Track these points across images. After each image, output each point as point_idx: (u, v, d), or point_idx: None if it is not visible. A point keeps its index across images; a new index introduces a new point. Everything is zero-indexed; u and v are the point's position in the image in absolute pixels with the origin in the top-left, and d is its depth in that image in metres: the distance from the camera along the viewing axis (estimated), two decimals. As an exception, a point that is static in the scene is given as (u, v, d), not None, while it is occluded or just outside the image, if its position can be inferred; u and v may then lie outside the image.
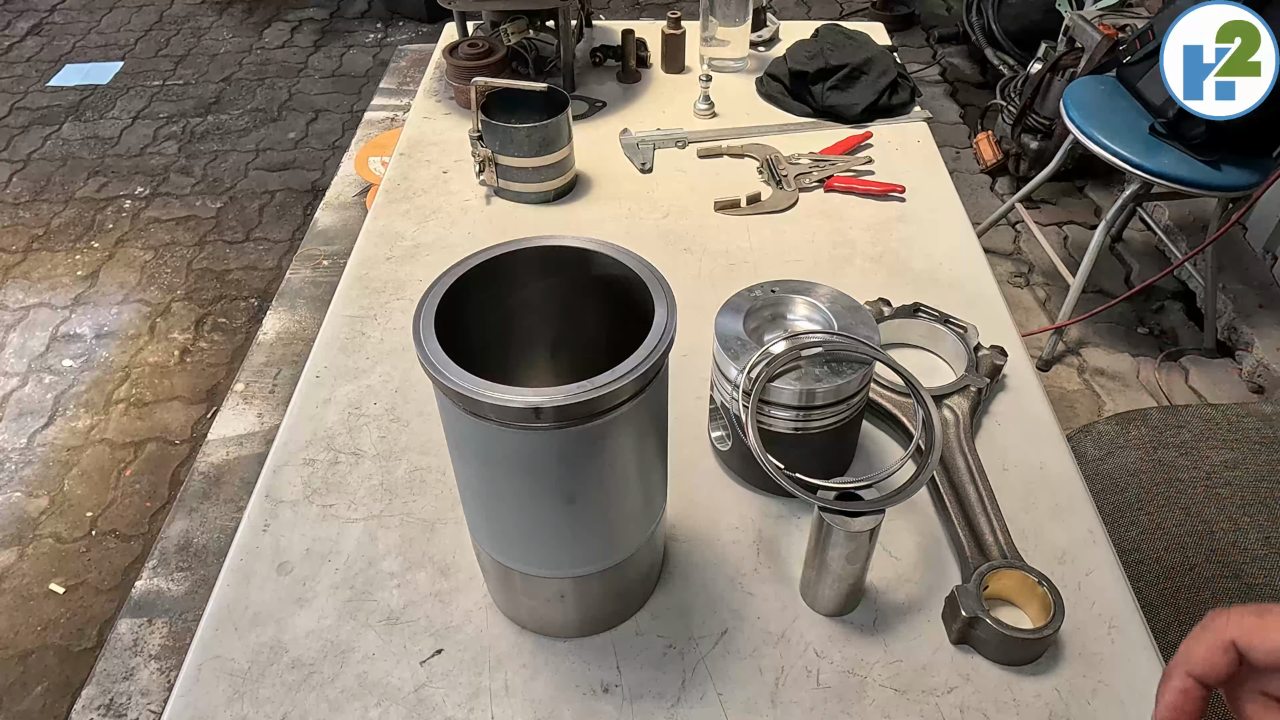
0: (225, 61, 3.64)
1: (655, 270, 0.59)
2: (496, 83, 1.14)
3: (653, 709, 0.66)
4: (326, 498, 0.82)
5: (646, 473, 0.63)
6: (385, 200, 1.21)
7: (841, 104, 1.34)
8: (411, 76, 3.33)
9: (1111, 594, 0.73)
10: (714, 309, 0.77)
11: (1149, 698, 0.66)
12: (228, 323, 2.42)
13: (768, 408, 0.73)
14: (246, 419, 2.09)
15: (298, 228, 2.74)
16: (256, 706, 0.66)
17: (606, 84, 1.45)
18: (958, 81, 3.34)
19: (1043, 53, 2.52)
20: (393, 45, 3.69)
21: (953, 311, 0.94)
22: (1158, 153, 1.85)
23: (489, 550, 0.66)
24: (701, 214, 1.17)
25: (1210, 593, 1.02)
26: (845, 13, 3.83)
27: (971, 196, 2.77)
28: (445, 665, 0.69)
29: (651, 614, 0.72)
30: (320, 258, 2.54)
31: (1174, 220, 2.49)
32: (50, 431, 2.11)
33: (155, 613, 1.72)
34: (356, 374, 0.94)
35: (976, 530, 0.75)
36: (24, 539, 1.87)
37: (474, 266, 0.60)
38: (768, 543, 0.77)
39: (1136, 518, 1.12)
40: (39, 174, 2.98)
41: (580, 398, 0.50)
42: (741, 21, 1.42)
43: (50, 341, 2.35)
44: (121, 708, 1.58)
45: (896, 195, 1.19)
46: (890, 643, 0.70)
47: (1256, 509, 1.09)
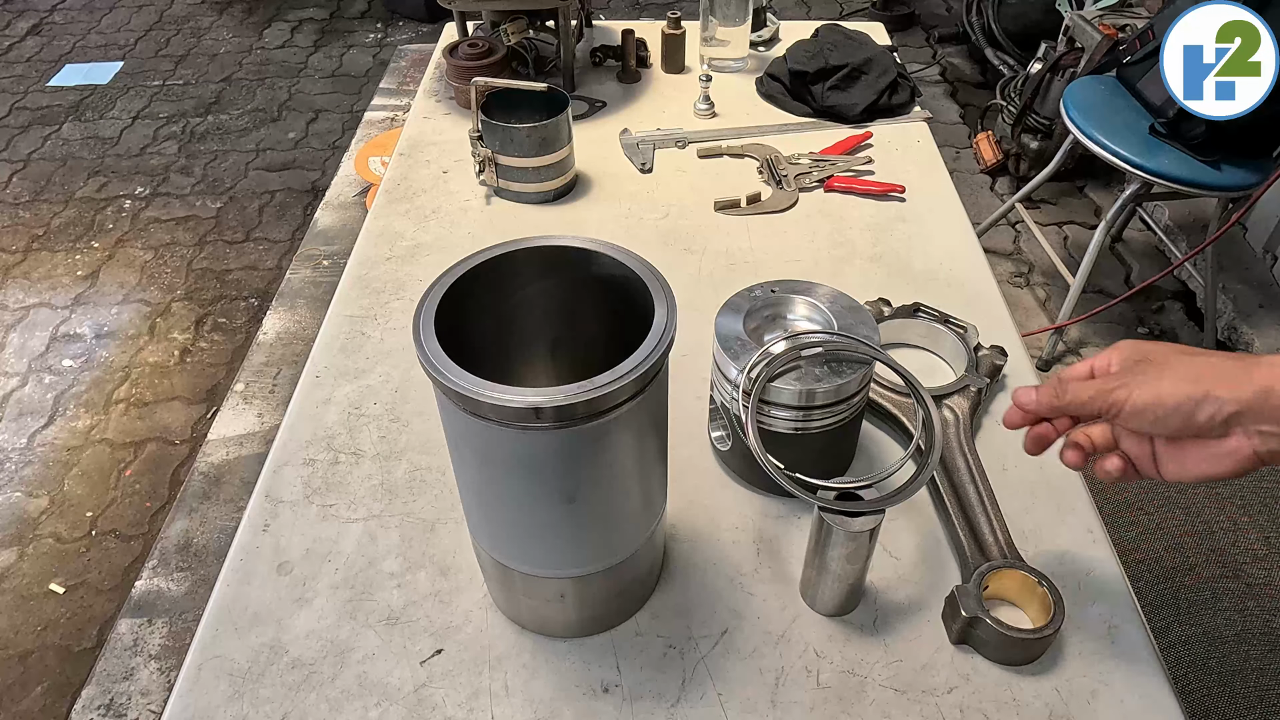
0: (225, 61, 3.64)
1: (655, 270, 0.59)
2: (496, 83, 1.14)
3: (653, 709, 0.66)
4: (326, 498, 0.82)
5: (646, 473, 0.63)
6: (385, 200, 1.21)
7: (841, 104, 1.34)
8: (411, 76, 3.33)
9: (1111, 594, 0.73)
10: (714, 309, 0.77)
11: (1149, 698, 0.66)
12: (228, 323, 2.42)
13: (768, 408, 0.73)
14: (246, 419, 2.09)
15: (298, 228, 2.74)
16: (256, 706, 0.66)
17: (606, 84, 1.45)
18: (958, 81, 3.34)
19: (1043, 53, 2.52)
20: (393, 45, 3.69)
21: (953, 311, 0.94)
22: (1158, 153, 1.85)
23: (489, 550, 0.66)
24: (701, 214, 1.17)
25: (1210, 593, 1.03)
26: (845, 13, 3.83)
27: (971, 196, 2.77)
28: (445, 665, 0.69)
29: (651, 614, 0.72)
30: (320, 258, 2.54)
31: (1174, 220, 2.49)
32: (50, 431, 2.11)
33: (155, 613, 1.72)
34: (356, 374, 0.94)
35: (976, 530, 0.75)
36: (24, 539, 1.87)
37: (474, 266, 0.60)
38: (768, 543, 0.77)
39: (1136, 518, 1.12)
40: (39, 174, 2.98)
41: (580, 398, 0.50)
42: (741, 21, 1.42)
43: (50, 341, 2.35)
44: (121, 708, 1.58)
45: (896, 195, 1.19)
46: (890, 643, 0.70)
47: (1256, 509, 1.09)
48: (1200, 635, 0.99)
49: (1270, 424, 0.53)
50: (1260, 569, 1.04)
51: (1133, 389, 0.56)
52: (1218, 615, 1.00)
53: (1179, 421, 0.55)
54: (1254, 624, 0.99)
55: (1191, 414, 0.54)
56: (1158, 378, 0.56)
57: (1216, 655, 0.97)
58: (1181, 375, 0.56)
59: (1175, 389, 0.55)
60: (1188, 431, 0.56)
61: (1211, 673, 0.96)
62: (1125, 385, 0.57)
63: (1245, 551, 1.05)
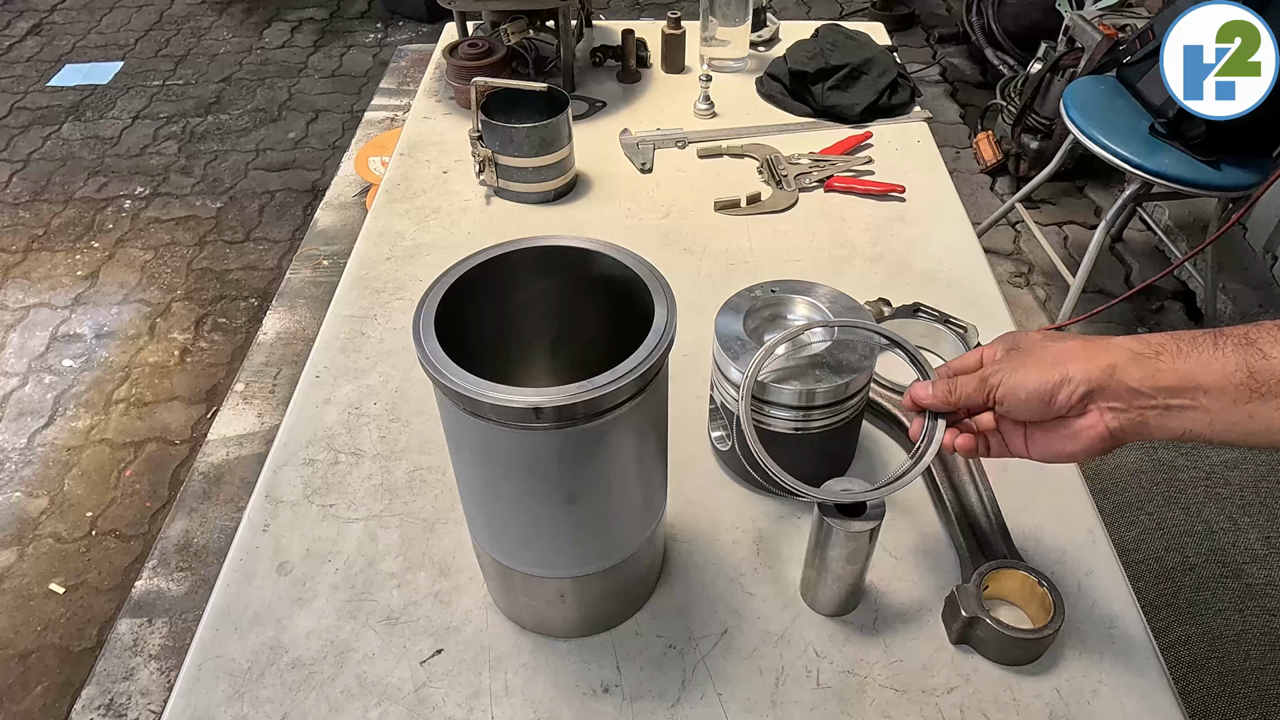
0: (225, 61, 3.64)
1: (655, 270, 0.59)
2: (496, 83, 1.14)
3: (653, 709, 0.66)
4: (326, 498, 0.82)
5: (646, 473, 0.63)
6: (385, 200, 1.21)
7: (841, 104, 1.34)
8: (411, 76, 3.33)
9: (1111, 594, 0.73)
10: (714, 309, 0.77)
11: (1149, 698, 0.66)
12: (228, 323, 2.42)
13: (768, 408, 0.73)
14: (246, 419, 2.09)
15: (298, 228, 2.74)
16: (256, 706, 0.66)
17: (606, 84, 1.45)
18: (958, 81, 3.34)
19: (1043, 53, 2.52)
20: (393, 45, 3.69)
21: (953, 311, 0.94)
22: (1158, 153, 1.85)
23: (489, 550, 0.66)
24: (701, 214, 1.17)
25: (1210, 593, 1.03)
26: (845, 13, 3.83)
27: (971, 196, 2.77)
28: (445, 665, 0.69)
29: (651, 614, 0.72)
30: (320, 258, 2.54)
31: (1174, 220, 2.49)
32: (50, 431, 2.11)
33: (155, 613, 1.71)
34: (356, 374, 0.94)
35: (976, 530, 0.75)
36: (24, 539, 1.87)
37: (474, 266, 0.60)
38: (768, 543, 0.77)
39: (1136, 518, 1.12)
40: (39, 174, 2.98)
41: (580, 398, 0.50)
42: (741, 21, 1.42)
43: (50, 341, 2.35)
44: (121, 708, 1.58)
45: (896, 195, 1.19)
46: (890, 643, 0.70)
47: (1256, 509, 1.09)
48: (1200, 635, 0.99)
49: (1117, 400, 0.56)
50: (1260, 569, 1.04)
51: (1003, 376, 0.60)
52: (1218, 615, 1.00)
53: (1039, 404, 0.58)
54: (1254, 624, 0.99)
55: (1051, 396, 0.58)
56: (1023, 364, 0.60)
57: (1216, 655, 0.97)
58: (1043, 359, 0.59)
59: (1038, 374, 0.58)
60: (1050, 413, 0.59)
61: (1211, 673, 0.96)
62: (998, 373, 0.61)
63: (1245, 551, 1.05)
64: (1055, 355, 0.59)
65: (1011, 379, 0.60)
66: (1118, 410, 0.57)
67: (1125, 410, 0.56)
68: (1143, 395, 0.55)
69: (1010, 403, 0.60)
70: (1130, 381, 0.56)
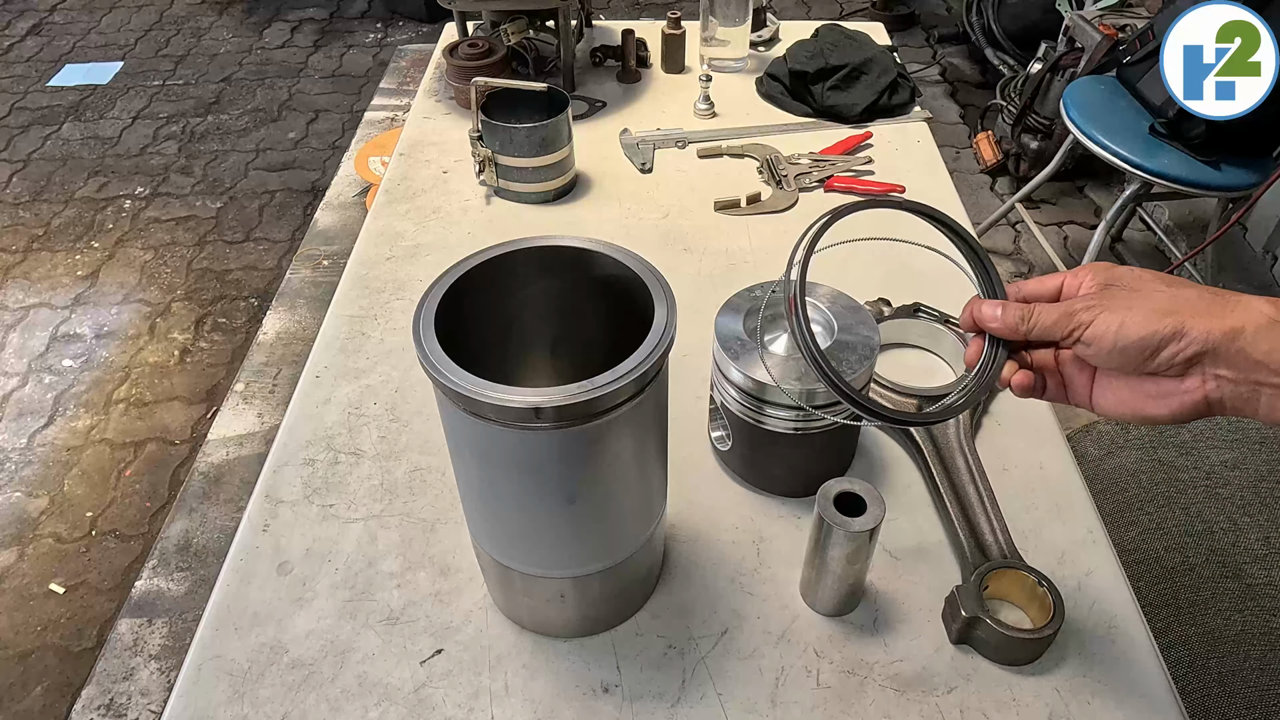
0: (225, 61, 3.64)
1: (655, 270, 0.59)
2: (496, 83, 1.14)
3: (653, 709, 0.66)
4: (326, 498, 0.82)
5: (646, 473, 0.63)
6: (385, 200, 1.21)
7: (841, 104, 1.34)
8: (411, 76, 3.33)
9: (1111, 594, 0.73)
10: (714, 309, 0.77)
11: (1149, 698, 0.66)
12: (228, 323, 2.42)
13: (767, 408, 0.73)
14: (246, 419, 2.09)
15: (298, 228, 2.74)
16: (256, 706, 0.66)
17: (606, 84, 1.45)
18: (958, 81, 3.34)
19: (1043, 53, 2.52)
20: (393, 45, 3.69)
21: (953, 311, 0.94)
22: (1158, 153, 1.85)
23: (489, 550, 0.66)
24: (701, 214, 1.17)
25: (1210, 593, 1.02)
26: (845, 13, 3.83)
27: (971, 196, 2.77)
28: (445, 665, 0.69)
29: (651, 614, 0.72)
30: (320, 258, 2.54)
31: (1174, 220, 2.49)
32: (50, 431, 2.11)
33: (155, 613, 1.72)
34: (356, 374, 0.94)
35: (976, 530, 0.75)
36: (24, 539, 1.87)
37: (474, 266, 0.60)
38: (768, 543, 0.77)
39: (1136, 518, 1.12)
40: (39, 174, 2.98)
41: (580, 398, 0.50)
42: (741, 21, 1.42)
43: (50, 341, 2.35)
44: (121, 708, 1.58)
45: (897, 195, 1.19)
46: (890, 643, 0.70)
47: (1256, 509, 1.09)
48: (1200, 635, 0.99)
49: (1232, 369, 0.49)
50: (1260, 569, 1.04)
51: (1097, 315, 0.52)
52: (1217, 615, 1.00)
53: (1136, 355, 0.51)
54: (1254, 624, 0.99)
55: (1155, 350, 0.50)
56: (1127, 306, 0.52)
57: (1216, 655, 0.97)
58: (1155, 306, 0.51)
59: (1144, 321, 0.50)
60: (1144, 368, 0.51)
61: (1211, 673, 0.96)
62: (1091, 310, 0.53)
63: (1245, 551, 1.05)
64: (1169, 303, 0.51)
65: (1108, 320, 0.51)
66: (1229, 380, 0.49)
67: (1238, 383, 0.49)
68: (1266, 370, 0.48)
69: (1098, 347, 0.52)
70: (1256, 353, 0.48)
